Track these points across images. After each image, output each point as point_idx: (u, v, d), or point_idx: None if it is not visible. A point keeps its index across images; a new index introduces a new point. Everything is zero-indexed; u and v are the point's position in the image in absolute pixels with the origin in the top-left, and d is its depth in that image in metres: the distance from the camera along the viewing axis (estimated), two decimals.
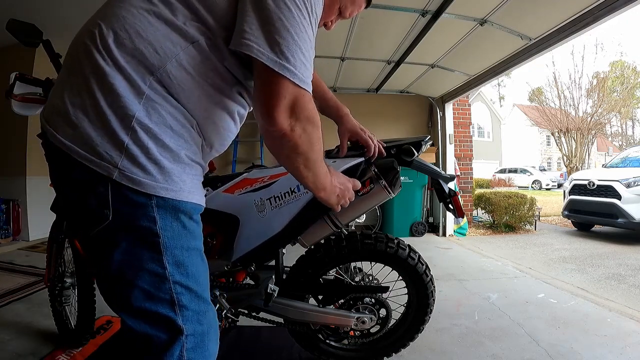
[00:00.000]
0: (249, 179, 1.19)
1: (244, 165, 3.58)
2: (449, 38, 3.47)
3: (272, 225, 1.16)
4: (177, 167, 0.68)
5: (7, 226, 3.91)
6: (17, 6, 3.13)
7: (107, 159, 0.63)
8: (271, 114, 0.65)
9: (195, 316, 0.68)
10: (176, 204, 0.67)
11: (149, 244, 0.65)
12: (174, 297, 0.66)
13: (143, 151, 0.64)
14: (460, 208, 1.29)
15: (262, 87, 0.65)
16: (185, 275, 0.67)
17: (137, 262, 0.65)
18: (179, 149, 0.68)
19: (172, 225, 0.67)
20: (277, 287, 1.26)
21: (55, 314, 1.66)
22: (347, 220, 1.21)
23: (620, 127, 28.45)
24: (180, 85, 0.67)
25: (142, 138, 0.64)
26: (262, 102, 0.66)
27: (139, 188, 0.64)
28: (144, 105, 0.65)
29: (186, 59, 0.66)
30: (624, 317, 2.15)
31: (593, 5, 2.58)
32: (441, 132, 5.21)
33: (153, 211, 0.65)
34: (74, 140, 0.64)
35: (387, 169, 1.11)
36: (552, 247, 4.72)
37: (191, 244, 0.70)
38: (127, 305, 0.65)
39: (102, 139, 0.63)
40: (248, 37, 0.63)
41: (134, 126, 0.64)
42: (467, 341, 1.80)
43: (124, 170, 0.63)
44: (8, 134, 3.97)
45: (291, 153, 0.71)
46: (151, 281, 0.65)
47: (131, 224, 0.64)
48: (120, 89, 0.64)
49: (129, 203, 0.64)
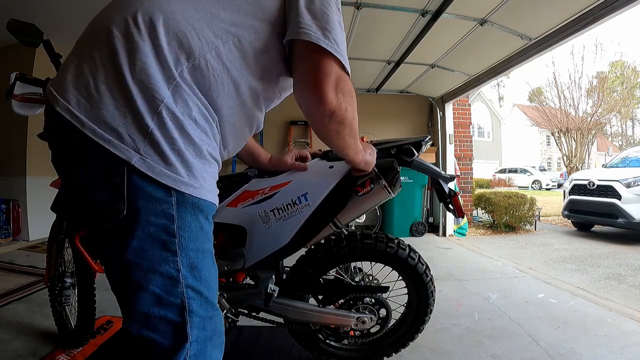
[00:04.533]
0: (250, 191, 1.18)
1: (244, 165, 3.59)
2: (449, 38, 3.47)
3: (279, 238, 1.15)
4: (199, 162, 0.65)
5: (7, 226, 3.91)
6: (18, 6, 3.13)
7: (128, 142, 0.58)
8: (322, 92, 0.70)
9: (201, 322, 0.64)
10: (196, 202, 0.64)
11: (163, 244, 0.61)
12: (184, 302, 0.62)
13: (167, 140, 0.60)
14: (461, 208, 1.29)
15: (313, 69, 0.70)
16: (198, 279, 0.64)
17: (148, 263, 0.60)
18: (202, 144, 0.65)
19: (191, 225, 0.63)
20: (277, 287, 1.26)
21: (55, 314, 1.66)
22: (347, 220, 1.21)
23: (620, 127, 28.46)
24: (214, 77, 0.66)
25: (168, 126, 0.60)
26: (313, 83, 0.70)
27: (159, 179, 0.59)
28: (172, 93, 0.61)
29: (225, 52, 0.66)
30: (624, 317, 2.15)
31: (593, 5, 2.58)
32: (441, 132, 5.21)
33: (172, 208, 0.61)
34: (90, 116, 0.58)
35: (387, 169, 1.11)
36: (552, 247, 4.72)
37: (206, 245, 0.67)
38: (134, 307, 0.61)
39: (125, 119, 0.58)
40: (304, 27, 0.68)
41: (161, 111, 0.60)
42: (467, 341, 1.80)
43: (145, 157, 0.59)
44: (8, 134, 3.97)
45: (339, 127, 0.76)
46: (163, 284, 0.61)
47: (146, 221, 0.60)
48: (151, 69, 0.60)
49: (146, 196, 0.59)
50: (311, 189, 1.12)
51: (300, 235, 1.15)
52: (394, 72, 4.48)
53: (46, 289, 1.67)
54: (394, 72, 4.48)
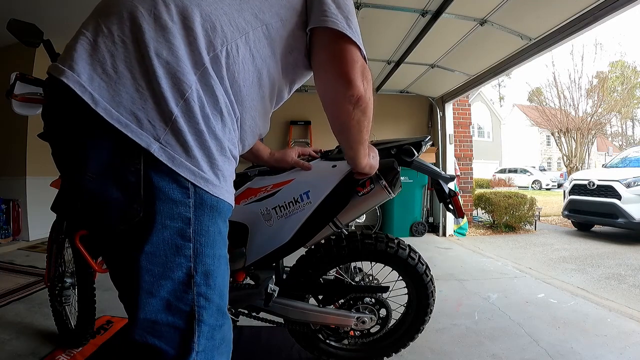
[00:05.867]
0: (253, 188, 1.19)
1: (244, 165, 3.57)
2: (449, 38, 3.47)
3: (281, 235, 1.15)
4: (221, 158, 0.60)
5: (7, 226, 3.91)
6: (18, 6, 3.13)
7: (147, 128, 0.52)
8: (350, 77, 0.70)
9: (210, 331, 0.60)
10: (215, 203, 0.59)
11: (177, 249, 0.56)
12: (194, 310, 0.58)
13: (192, 130, 0.55)
14: (461, 208, 1.29)
15: (341, 56, 0.70)
16: (211, 286, 0.60)
17: (160, 269, 0.56)
18: (224, 139, 0.61)
19: (209, 229, 0.59)
20: (277, 287, 1.26)
21: (55, 314, 1.66)
22: (347, 220, 1.21)
23: (620, 127, 28.46)
24: (242, 64, 0.63)
25: (195, 114, 0.55)
26: (340, 69, 0.70)
27: (179, 171, 0.54)
28: (200, 79, 0.57)
29: (253, 39, 0.65)
30: (624, 317, 2.15)
31: (593, 5, 2.58)
32: (441, 132, 5.21)
33: (189, 211, 0.56)
34: (105, 95, 0.52)
35: (387, 169, 1.11)
36: (552, 247, 4.72)
37: (222, 251, 0.63)
38: (140, 313, 0.56)
39: (145, 103, 0.53)
40: (330, 15, 0.69)
41: (188, 98, 0.55)
42: (467, 341, 1.80)
43: (165, 146, 0.53)
44: (8, 134, 3.97)
45: (362, 116, 0.76)
46: (173, 289, 0.57)
47: (161, 224, 0.55)
48: (180, 51, 0.55)
49: (163, 197, 0.54)
50: (313, 186, 1.12)
51: (302, 233, 1.15)
52: (394, 72, 4.48)
53: (46, 289, 1.67)
54: (394, 72, 4.48)
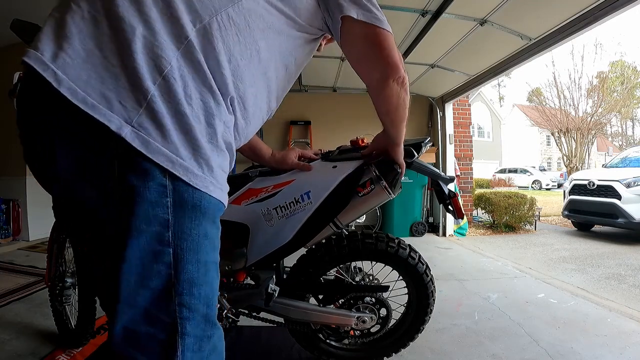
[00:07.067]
0: (254, 189, 1.19)
1: (244, 166, 3.56)
2: (449, 38, 3.47)
3: (282, 235, 1.16)
4: (209, 147, 0.53)
5: (7, 226, 3.91)
6: (19, 6, 3.13)
7: (118, 110, 0.46)
8: (394, 62, 0.73)
9: (198, 343, 0.55)
10: (198, 201, 0.52)
11: (155, 255, 0.50)
12: (176, 322, 0.52)
13: (172, 111, 0.49)
14: (460, 209, 1.29)
15: (382, 42, 0.71)
16: (196, 296, 0.53)
17: (138, 278, 0.50)
18: (216, 124, 0.53)
19: (191, 232, 0.52)
20: (277, 287, 1.26)
21: (55, 314, 1.66)
22: (347, 220, 1.21)
23: (620, 127, 28.46)
24: (237, 36, 0.55)
25: (175, 93, 0.48)
26: (383, 54, 0.72)
27: (155, 158, 0.47)
28: (183, 54, 0.50)
29: (247, 8, 0.57)
30: (624, 317, 2.15)
31: (593, 5, 2.58)
32: (441, 132, 5.21)
33: (166, 212, 0.50)
34: (70, 73, 0.46)
35: (387, 170, 1.11)
36: (552, 247, 4.72)
37: (210, 256, 0.56)
38: (120, 322, 0.52)
39: (117, 82, 0.47)
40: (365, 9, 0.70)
41: (167, 75, 0.48)
42: (467, 341, 1.80)
43: (139, 129, 0.47)
44: (8, 134, 3.97)
45: (406, 95, 0.81)
46: (153, 300, 0.51)
47: (136, 229, 0.49)
48: (158, 24, 0.49)
49: (137, 197, 0.48)
50: (314, 187, 1.12)
51: (302, 234, 1.15)
52: None
53: (46, 289, 1.67)
54: None
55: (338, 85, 5.20)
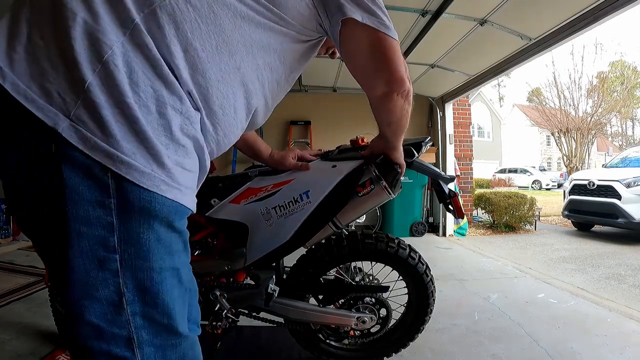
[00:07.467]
0: (253, 188, 1.19)
1: (244, 165, 3.55)
2: (449, 38, 3.47)
3: (280, 235, 1.16)
4: (162, 139, 0.48)
5: (7, 226, 3.91)
6: None
7: (57, 103, 0.43)
8: (400, 75, 0.68)
9: (160, 352, 0.50)
10: (147, 203, 0.47)
11: (100, 262, 0.46)
12: (131, 333, 0.48)
13: (112, 101, 0.44)
14: (460, 209, 1.29)
15: (387, 52, 0.65)
16: (151, 304, 0.49)
17: (82, 287, 0.46)
18: (171, 115, 0.48)
19: (140, 237, 0.47)
20: (277, 287, 1.26)
21: (55, 314, 1.65)
22: (347, 220, 1.21)
23: (620, 127, 28.47)
24: (199, 22, 0.49)
25: (117, 81, 0.44)
26: (389, 66, 0.67)
27: (94, 156, 0.43)
28: (130, 40, 0.46)
29: None
30: (624, 317, 2.15)
31: (593, 5, 2.58)
32: (441, 132, 5.21)
33: (110, 214, 0.45)
34: (17, 68, 0.44)
35: (387, 170, 1.11)
36: (552, 247, 4.72)
37: (165, 262, 0.50)
38: (73, 339, 0.48)
39: (58, 72, 0.44)
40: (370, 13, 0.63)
41: (107, 61, 0.44)
42: (467, 341, 1.80)
43: (77, 123, 0.43)
44: None
45: (409, 107, 0.77)
46: (102, 312, 0.47)
47: (77, 232, 0.45)
48: (101, 7, 0.45)
49: (75, 196, 0.44)
50: (313, 186, 1.12)
51: (301, 233, 1.15)
52: None
53: (46, 289, 1.67)
54: None
55: (338, 85, 5.20)
